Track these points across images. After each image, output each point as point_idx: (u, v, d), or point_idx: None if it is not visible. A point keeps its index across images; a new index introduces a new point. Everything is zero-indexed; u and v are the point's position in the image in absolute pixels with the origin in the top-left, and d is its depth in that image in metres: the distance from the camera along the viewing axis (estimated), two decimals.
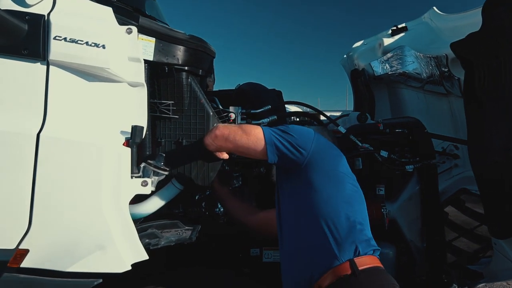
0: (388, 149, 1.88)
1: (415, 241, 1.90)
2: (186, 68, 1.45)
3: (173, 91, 1.46)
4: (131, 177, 1.22)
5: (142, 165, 1.28)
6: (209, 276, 1.57)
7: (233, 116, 1.66)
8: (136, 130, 1.19)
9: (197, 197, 1.72)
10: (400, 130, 1.94)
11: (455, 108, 2.60)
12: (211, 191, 1.69)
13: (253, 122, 1.70)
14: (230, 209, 1.65)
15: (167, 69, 1.41)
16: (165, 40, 1.39)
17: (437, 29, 2.66)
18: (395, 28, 2.87)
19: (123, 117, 1.26)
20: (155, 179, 1.32)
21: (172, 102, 1.46)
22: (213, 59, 1.70)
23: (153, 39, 1.36)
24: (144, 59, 1.31)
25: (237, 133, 1.31)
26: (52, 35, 1.12)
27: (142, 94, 1.31)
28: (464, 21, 2.37)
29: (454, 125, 2.62)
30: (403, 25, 2.88)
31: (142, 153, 1.40)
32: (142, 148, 1.41)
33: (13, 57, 1.12)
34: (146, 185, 1.25)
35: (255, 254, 1.77)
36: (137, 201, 1.40)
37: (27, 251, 1.09)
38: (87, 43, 1.14)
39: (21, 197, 1.09)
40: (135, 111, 1.30)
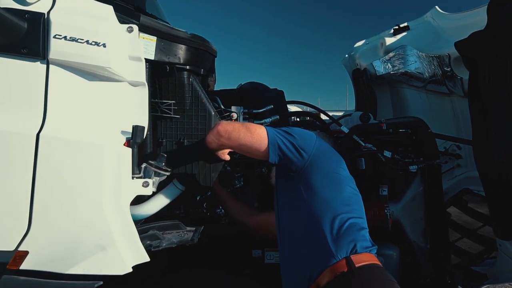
0: (392, 149, 1.86)
1: (418, 242, 1.89)
2: (187, 67, 1.44)
3: (174, 91, 1.44)
4: (132, 177, 1.20)
5: (143, 166, 1.27)
6: (210, 277, 1.55)
7: (235, 115, 1.65)
8: (137, 130, 1.18)
9: (198, 197, 1.71)
10: (403, 130, 1.92)
11: (457, 107, 2.59)
12: (211, 192, 1.68)
13: (255, 122, 1.69)
14: (230, 210, 1.65)
15: (168, 68, 1.40)
16: (166, 39, 1.37)
17: (439, 28, 2.65)
18: (397, 27, 2.86)
19: (124, 117, 1.25)
20: (156, 179, 1.31)
21: (174, 101, 1.44)
22: (215, 58, 1.68)
23: (154, 37, 1.35)
24: (145, 58, 1.30)
25: (241, 130, 1.30)
26: (52, 33, 1.11)
27: (143, 93, 1.29)
28: (467, 20, 2.36)
29: (456, 125, 2.61)
30: (405, 24, 2.87)
31: (143, 154, 1.39)
32: (143, 148, 1.40)
33: (12, 56, 1.11)
34: (147, 185, 1.23)
35: (257, 255, 1.75)
36: (138, 202, 1.39)
37: (26, 252, 1.08)
38: (87, 41, 1.13)
39: (20, 198, 1.08)
40: (136, 110, 1.28)
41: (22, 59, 1.11)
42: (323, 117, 2.15)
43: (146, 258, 1.16)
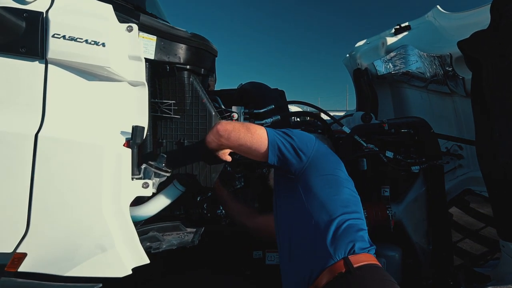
0: (394, 149, 1.85)
1: (421, 243, 1.88)
2: (188, 67, 1.42)
3: (174, 91, 1.43)
4: (132, 178, 1.19)
5: (143, 166, 1.25)
6: (211, 279, 1.54)
7: (235, 116, 1.64)
8: (137, 130, 1.17)
9: (199, 198, 1.70)
10: (405, 130, 1.91)
11: (459, 107, 2.58)
12: (211, 192, 1.67)
13: (256, 122, 1.68)
14: (230, 211, 1.65)
15: (168, 68, 1.39)
16: (166, 38, 1.36)
17: (441, 28, 2.64)
18: (398, 27, 2.85)
19: (124, 117, 1.23)
20: (156, 180, 1.29)
21: (174, 101, 1.43)
22: (215, 58, 1.67)
23: (154, 37, 1.33)
24: (145, 58, 1.28)
25: (241, 130, 1.29)
26: (50, 32, 1.09)
27: (143, 93, 1.28)
28: (469, 20, 2.35)
29: (458, 125, 2.60)
30: (407, 24, 2.86)
31: (143, 154, 1.37)
32: (143, 149, 1.38)
33: (10, 55, 1.09)
34: (147, 186, 1.22)
35: (258, 256, 1.74)
36: (137, 203, 1.38)
37: (25, 254, 1.07)
38: (86, 41, 1.11)
39: (18, 199, 1.06)
40: (135, 111, 1.27)
41: (21, 59, 1.10)
42: (324, 117, 2.13)
43: (145, 260, 1.14)
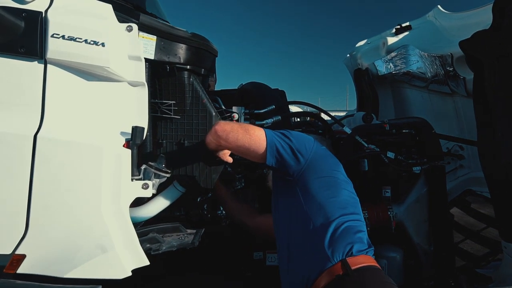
0: (395, 150, 1.84)
1: (422, 244, 1.87)
2: (188, 67, 1.42)
3: (174, 91, 1.42)
4: (132, 179, 1.18)
5: (143, 167, 1.25)
6: (211, 280, 1.53)
7: (236, 116, 1.63)
8: (137, 131, 1.16)
9: (199, 199, 1.69)
10: (407, 130, 1.90)
11: (460, 107, 2.57)
12: (212, 192, 1.66)
13: (257, 123, 1.67)
14: (230, 210, 1.65)
15: (168, 68, 1.38)
16: (166, 38, 1.35)
17: (442, 28, 2.63)
18: (399, 27, 2.84)
19: (123, 117, 1.23)
20: (156, 181, 1.28)
21: (174, 102, 1.42)
22: (216, 58, 1.66)
23: (154, 37, 1.32)
24: (144, 58, 1.28)
25: (239, 131, 1.28)
26: (49, 32, 1.08)
27: (142, 93, 1.27)
28: (470, 20, 2.34)
29: (459, 125, 2.59)
30: (407, 24, 2.85)
31: (142, 155, 1.37)
32: (142, 149, 1.38)
33: (9, 55, 1.08)
34: (147, 187, 1.21)
35: (259, 257, 1.74)
36: (137, 204, 1.37)
37: (23, 256, 1.06)
38: (86, 41, 1.11)
39: (17, 200, 1.05)
40: (135, 111, 1.26)
41: (19, 59, 1.09)
42: (325, 117, 2.13)
43: (145, 262, 1.13)
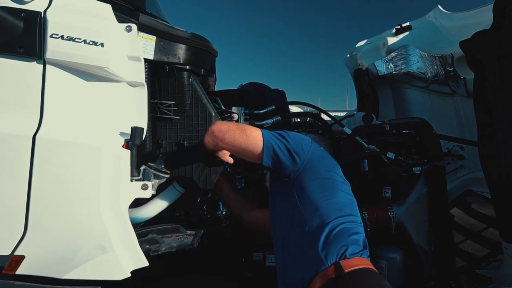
0: (395, 150, 1.83)
1: (422, 244, 1.86)
2: (187, 67, 1.41)
3: (174, 91, 1.42)
4: (131, 180, 1.18)
5: (142, 168, 1.24)
6: (211, 280, 1.53)
7: (235, 116, 1.62)
8: (136, 131, 1.16)
9: (198, 200, 1.69)
10: (407, 131, 1.89)
11: (460, 108, 2.56)
12: (212, 190, 1.65)
13: (257, 123, 1.67)
14: (229, 201, 1.64)
15: (168, 68, 1.38)
16: (166, 39, 1.35)
17: (442, 28, 2.63)
18: (399, 27, 2.84)
19: (123, 118, 1.22)
20: (156, 182, 1.28)
21: (173, 102, 1.42)
22: (215, 58, 1.66)
23: (154, 37, 1.32)
24: (144, 58, 1.27)
25: (236, 132, 1.28)
26: (48, 32, 1.08)
27: (142, 94, 1.27)
28: (470, 20, 2.34)
29: (459, 125, 2.58)
30: (407, 24, 2.85)
31: (142, 155, 1.36)
32: (142, 150, 1.37)
33: (8, 55, 1.08)
34: (147, 188, 1.21)
35: (258, 258, 1.73)
36: (137, 205, 1.36)
37: (22, 257, 1.05)
38: (85, 41, 1.10)
39: (16, 201, 1.05)
40: (135, 111, 1.26)
41: (18, 59, 1.09)
42: (325, 117, 2.12)
43: (145, 263, 1.13)
